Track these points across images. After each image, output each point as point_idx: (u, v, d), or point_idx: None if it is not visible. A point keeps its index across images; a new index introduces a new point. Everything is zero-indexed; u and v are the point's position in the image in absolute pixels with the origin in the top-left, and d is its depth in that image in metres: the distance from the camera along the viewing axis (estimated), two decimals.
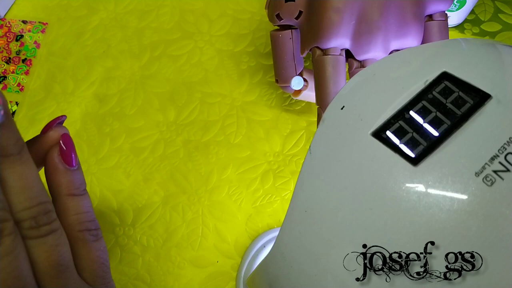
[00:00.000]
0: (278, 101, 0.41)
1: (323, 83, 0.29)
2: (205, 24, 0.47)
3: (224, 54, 0.44)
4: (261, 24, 0.46)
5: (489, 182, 0.15)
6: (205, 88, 0.43)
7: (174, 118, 0.41)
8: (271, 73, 0.43)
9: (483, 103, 0.16)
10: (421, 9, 0.28)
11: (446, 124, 0.17)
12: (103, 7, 0.49)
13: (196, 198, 0.37)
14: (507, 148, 0.15)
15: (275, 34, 0.32)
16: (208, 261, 0.35)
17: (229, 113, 0.41)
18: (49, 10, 0.50)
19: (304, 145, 0.39)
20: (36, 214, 0.16)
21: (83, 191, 0.19)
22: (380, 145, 0.17)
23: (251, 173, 0.38)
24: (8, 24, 0.49)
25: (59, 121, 0.19)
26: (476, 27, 0.43)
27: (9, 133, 0.15)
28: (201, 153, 0.39)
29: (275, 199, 0.37)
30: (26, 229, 0.16)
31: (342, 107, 0.20)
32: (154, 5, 0.49)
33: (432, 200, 0.15)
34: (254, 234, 0.35)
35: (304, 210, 0.18)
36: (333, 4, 0.27)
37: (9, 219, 0.15)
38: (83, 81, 0.44)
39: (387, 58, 0.21)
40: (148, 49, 0.46)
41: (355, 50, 0.29)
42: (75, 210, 0.18)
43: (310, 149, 0.19)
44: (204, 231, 0.36)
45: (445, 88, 0.18)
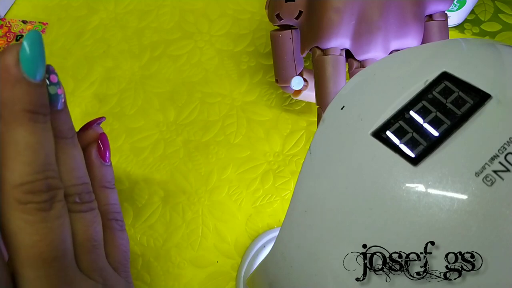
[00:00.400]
0: (278, 101, 0.41)
1: (323, 83, 0.29)
2: (205, 24, 0.47)
3: (224, 54, 0.44)
4: (261, 24, 0.46)
5: (489, 182, 0.15)
6: (205, 88, 0.43)
7: (174, 118, 0.41)
8: (271, 73, 0.43)
9: (483, 103, 0.16)
10: (421, 9, 0.28)
11: (446, 124, 0.17)
12: (103, 7, 0.49)
13: (196, 198, 0.37)
14: (507, 148, 0.15)
15: (275, 34, 0.32)
16: (208, 261, 0.35)
17: (229, 113, 0.41)
18: (49, 10, 0.50)
19: (304, 145, 0.39)
20: (80, 191, 0.18)
21: (112, 185, 0.21)
22: (380, 145, 0.17)
23: (251, 173, 0.38)
24: (8, 24, 0.49)
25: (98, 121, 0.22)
26: (476, 27, 0.43)
27: (66, 119, 0.18)
28: (201, 153, 0.39)
29: (275, 199, 0.37)
30: (71, 203, 0.18)
31: (342, 107, 0.20)
32: (154, 5, 0.49)
33: (432, 200, 0.15)
34: (254, 234, 0.35)
35: (304, 210, 0.18)
36: (333, 4, 0.27)
37: (62, 188, 0.17)
38: (83, 81, 0.44)
39: (387, 58, 0.21)
40: (148, 49, 0.46)
41: (355, 50, 0.29)
42: (105, 201, 0.20)
43: (310, 149, 0.19)
44: (204, 231, 0.36)
45: (445, 88, 0.18)
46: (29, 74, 0.15)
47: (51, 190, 0.16)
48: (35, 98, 0.16)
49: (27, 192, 0.15)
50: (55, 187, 0.16)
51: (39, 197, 0.16)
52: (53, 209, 0.16)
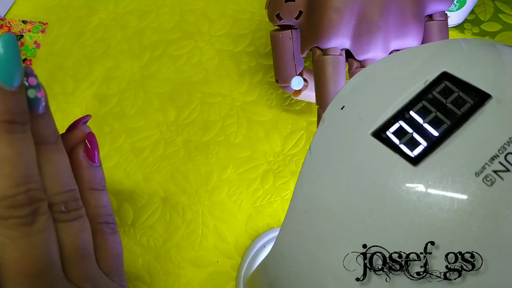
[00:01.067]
0: (278, 101, 0.41)
1: (323, 83, 0.29)
2: (205, 24, 0.47)
3: (224, 54, 0.44)
4: (261, 24, 0.46)
5: (489, 182, 0.15)
6: (205, 88, 0.43)
7: (174, 118, 0.41)
8: (271, 73, 0.43)
9: (483, 103, 0.16)
10: (421, 9, 0.28)
11: (446, 124, 0.17)
12: (103, 7, 0.49)
13: (196, 198, 0.37)
14: (507, 148, 0.15)
15: (275, 34, 0.32)
16: (208, 261, 0.35)
17: (229, 113, 0.41)
18: (49, 10, 0.50)
19: (304, 145, 0.39)
20: (66, 199, 0.17)
21: (103, 186, 0.20)
22: (380, 145, 0.17)
23: (251, 173, 0.38)
24: (8, 24, 0.49)
25: (84, 120, 0.21)
26: (476, 27, 0.43)
27: (48, 123, 0.17)
28: (201, 153, 0.39)
29: (275, 199, 0.37)
30: (56, 212, 0.17)
31: (342, 107, 0.20)
32: (154, 5, 0.49)
33: (432, 200, 0.15)
34: (254, 234, 0.35)
35: (304, 210, 0.18)
36: (333, 4, 0.27)
37: (45, 199, 0.16)
38: (83, 81, 0.44)
39: (387, 58, 0.21)
40: (148, 49, 0.46)
41: (355, 50, 0.29)
42: (95, 203, 0.20)
43: (310, 149, 0.19)
44: (204, 231, 0.36)
45: (445, 88, 0.18)
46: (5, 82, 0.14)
47: (33, 203, 0.16)
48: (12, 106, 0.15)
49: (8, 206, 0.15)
50: (38, 199, 0.16)
51: (20, 211, 0.15)
52: (36, 222, 0.16)
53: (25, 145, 0.16)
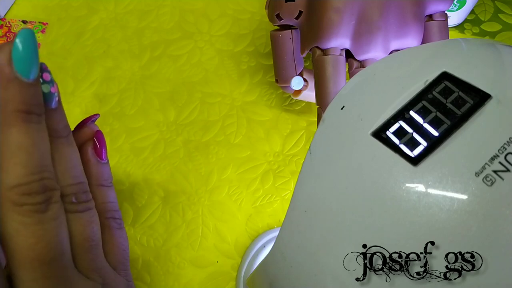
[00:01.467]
0: (278, 101, 0.41)
1: (323, 83, 0.29)
2: (205, 24, 0.47)
3: (224, 54, 0.44)
4: (261, 24, 0.46)
5: (489, 182, 0.15)
6: (205, 88, 0.43)
7: (174, 118, 0.41)
8: (271, 73, 0.43)
9: (483, 103, 0.16)
10: (421, 9, 0.28)
11: (446, 124, 0.17)
12: (103, 7, 0.49)
13: (196, 198, 0.37)
14: (507, 148, 0.15)
15: (275, 34, 0.32)
16: (208, 261, 0.35)
17: (229, 113, 0.41)
18: (49, 10, 0.50)
19: (304, 145, 0.39)
20: (77, 191, 0.18)
21: (110, 183, 0.21)
22: (380, 145, 0.17)
23: (251, 173, 0.38)
24: (8, 24, 0.49)
25: (93, 119, 0.21)
26: (476, 27, 0.43)
27: (60, 118, 0.18)
28: (201, 153, 0.39)
29: (275, 199, 0.37)
30: (68, 203, 0.18)
31: (342, 107, 0.20)
32: (154, 5, 0.49)
33: (432, 200, 0.15)
34: (254, 234, 0.35)
35: (304, 210, 0.18)
36: (333, 4, 0.27)
37: (58, 189, 0.17)
38: (83, 81, 0.44)
39: (387, 58, 0.21)
40: (148, 49, 0.46)
41: (355, 50, 0.29)
42: (102, 199, 0.20)
43: (310, 149, 0.19)
44: (204, 231, 0.36)
45: (445, 88, 0.18)
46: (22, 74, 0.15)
47: (47, 191, 0.16)
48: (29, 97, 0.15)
49: (22, 193, 0.15)
50: (51, 188, 0.16)
51: (34, 199, 0.16)
52: (49, 210, 0.16)
53: (40, 135, 0.16)
